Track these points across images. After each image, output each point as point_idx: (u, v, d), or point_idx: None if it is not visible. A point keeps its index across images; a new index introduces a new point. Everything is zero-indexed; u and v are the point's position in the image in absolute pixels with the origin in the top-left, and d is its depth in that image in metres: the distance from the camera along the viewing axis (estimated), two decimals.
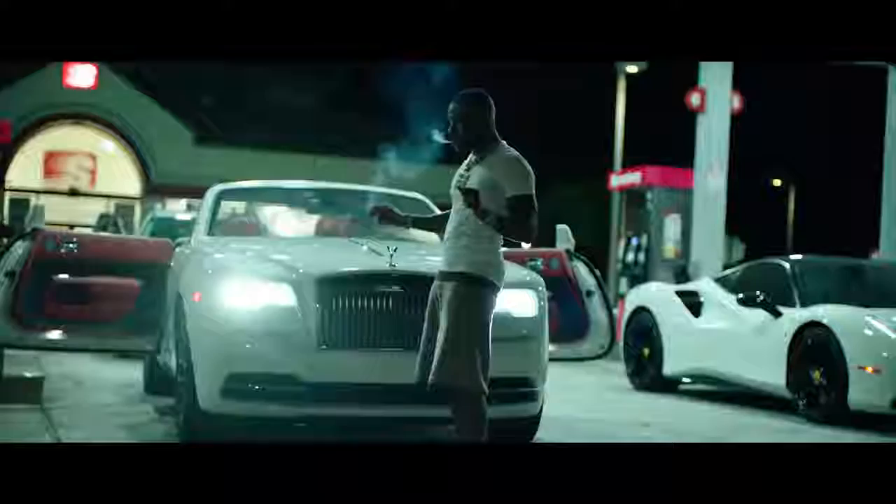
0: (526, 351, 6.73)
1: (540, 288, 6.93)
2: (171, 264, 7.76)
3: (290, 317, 6.33)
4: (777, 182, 46.47)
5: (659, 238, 18.19)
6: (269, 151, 31.98)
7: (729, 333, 10.48)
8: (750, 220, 35.75)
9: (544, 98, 36.43)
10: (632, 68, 26.12)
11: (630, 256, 18.65)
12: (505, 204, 5.30)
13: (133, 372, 10.15)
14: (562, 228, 8.51)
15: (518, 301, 6.67)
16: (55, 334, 7.82)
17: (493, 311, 5.37)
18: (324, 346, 6.29)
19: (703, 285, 11.39)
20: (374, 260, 6.56)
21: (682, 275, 14.89)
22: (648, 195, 18.44)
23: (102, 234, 10.39)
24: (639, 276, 17.93)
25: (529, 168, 5.36)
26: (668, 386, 11.32)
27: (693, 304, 11.13)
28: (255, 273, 6.51)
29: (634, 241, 18.67)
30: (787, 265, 10.39)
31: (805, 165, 43.89)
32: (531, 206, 5.31)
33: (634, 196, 19.05)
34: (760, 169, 41.90)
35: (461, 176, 5.44)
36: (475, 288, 5.28)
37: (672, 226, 18.16)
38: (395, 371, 6.16)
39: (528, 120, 29.85)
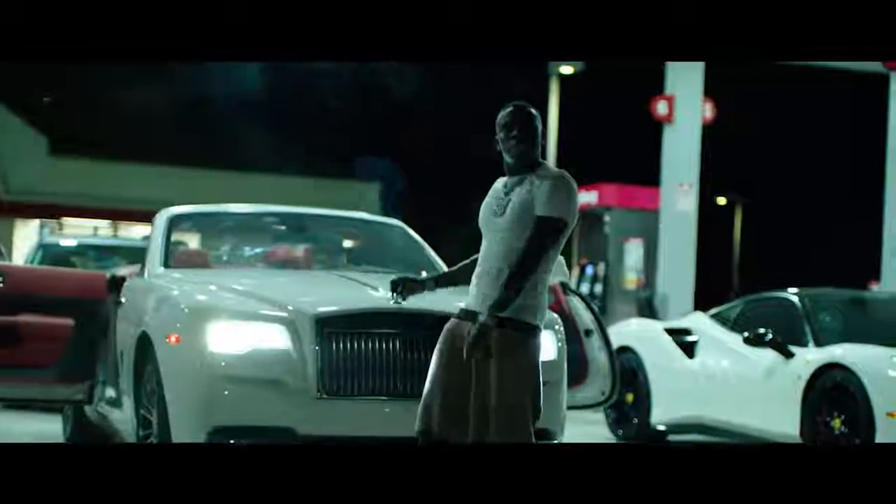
0: (545, 399, 6.89)
1: (557, 327, 7.13)
2: (123, 300, 7.83)
3: (284, 361, 6.47)
4: (722, 200, 47.36)
5: (618, 266, 18.50)
6: (137, 164, 31.75)
7: (731, 377, 10.80)
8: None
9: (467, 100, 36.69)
10: (566, 69, 25.93)
11: (585, 287, 18.94)
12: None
13: (51, 425, 10.14)
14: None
15: None
16: None
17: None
18: (322, 395, 6.45)
19: (697, 322, 11.69)
20: (375, 296, 6.72)
21: (647, 308, 15.21)
22: (606, 217, 18.76)
23: (30, 265, 10.38)
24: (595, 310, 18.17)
25: (573, 187, 5.45)
26: (656, 437, 11.59)
27: (685, 343, 11.42)
28: (242, 312, 6.63)
29: (589, 270, 18.97)
30: (796, 300, 10.74)
31: (754, 183, 44.83)
32: (551, 231, 5.38)
33: (589, 218, 19.33)
34: (704, 186, 42.59)
35: (499, 199, 5.51)
36: (528, 340, 5.41)
37: (633, 252, 18.49)
38: (403, 422, 6.22)
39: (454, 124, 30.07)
